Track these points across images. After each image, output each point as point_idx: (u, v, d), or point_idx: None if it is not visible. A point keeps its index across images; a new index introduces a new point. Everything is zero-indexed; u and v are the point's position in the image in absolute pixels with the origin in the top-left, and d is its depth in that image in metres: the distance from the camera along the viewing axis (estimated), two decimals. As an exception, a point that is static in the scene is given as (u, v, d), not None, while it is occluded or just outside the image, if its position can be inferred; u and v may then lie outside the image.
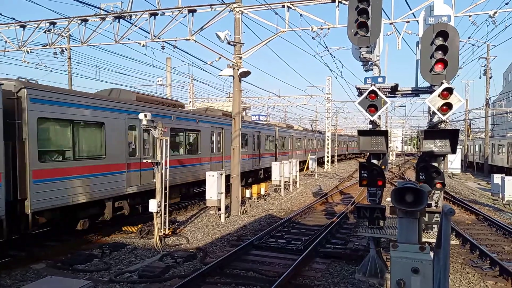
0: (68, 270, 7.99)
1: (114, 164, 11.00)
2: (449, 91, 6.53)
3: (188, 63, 38.65)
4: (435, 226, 6.61)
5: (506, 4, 12.03)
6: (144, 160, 11.61)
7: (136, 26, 13.90)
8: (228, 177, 14.51)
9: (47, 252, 9.14)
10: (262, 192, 17.64)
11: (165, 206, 10.45)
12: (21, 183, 8.31)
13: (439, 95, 6.61)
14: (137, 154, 11.94)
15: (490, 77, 34.13)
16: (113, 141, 10.98)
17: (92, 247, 9.60)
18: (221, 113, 19.28)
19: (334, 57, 40.60)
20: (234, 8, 13.42)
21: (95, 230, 11.00)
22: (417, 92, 8.16)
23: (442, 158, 7.10)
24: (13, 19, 14.82)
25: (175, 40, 14.07)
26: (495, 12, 11.75)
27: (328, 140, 38.11)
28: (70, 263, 8.27)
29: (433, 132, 7.02)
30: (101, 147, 10.65)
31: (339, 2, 12.42)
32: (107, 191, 10.65)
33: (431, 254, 3.66)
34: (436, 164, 6.84)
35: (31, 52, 15.79)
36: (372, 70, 7.88)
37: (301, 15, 13.15)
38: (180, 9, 13.49)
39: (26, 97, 8.47)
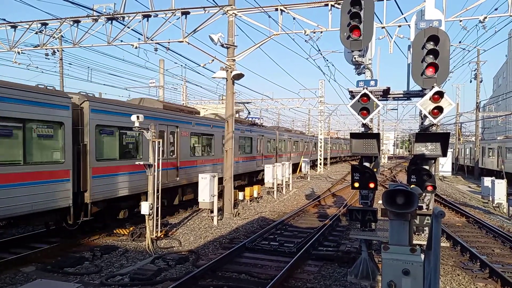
0: (59, 273, 7.89)
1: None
2: (440, 94, 6.59)
3: (181, 65, 38.68)
4: (426, 228, 6.66)
5: (496, 9, 12.21)
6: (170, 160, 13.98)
7: (129, 27, 13.86)
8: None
9: (37, 255, 9.02)
10: (255, 195, 17.63)
11: (157, 208, 10.39)
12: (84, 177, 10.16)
13: (430, 99, 6.67)
14: (165, 155, 13.33)
15: (481, 81, 34.56)
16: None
17: (83, 250, 9.51)
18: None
19: (327, 60, 40.68)
20: (227, 10, 13.44)
21: (86, 233, 10.90)
22: (408, 95, 8.22)
23: (433, 161, 7.17)
24: (4, 19, 14.69)
25: (168, 42, 14.06)
26: (485, 17, 11.92)
27: (321, 142, 38.23)
28: (61, 266, 8.18)
29: (424, 135, 7.07)
30: (137, 149, 12.49)
31: (332, 6, 12.52)
32: (143, 186, 11.28)
33: (422, 256, 3.69)
34: (427, 167, 6.89)
35: (22, 53, 15.67)
36: (364, 73, 7.93)
37: (294, 19, 13.22)
38: (174, 11, 13.49)
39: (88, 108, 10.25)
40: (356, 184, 6.75)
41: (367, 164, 7.33)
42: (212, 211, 12.94)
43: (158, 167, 10.57)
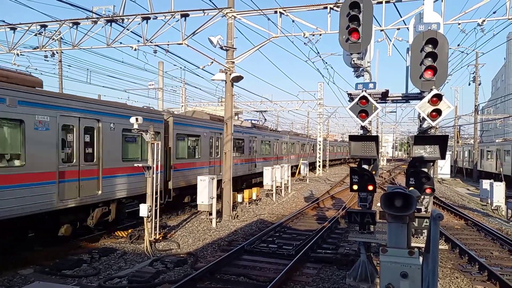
0: (56, 276, 7.87)
1: (203, 161, 16.71)
2: (438, 97, 6.60)
3: (180, 67, 38.45)
4: (425, 231, 6.66)
5: (494, 13, 12.25)
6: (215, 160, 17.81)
7: (128, 29, 13.87)
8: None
9: (35, 257, 8.99)
10: (254, 197, 17.61)
11: (155, 210, 10.37)
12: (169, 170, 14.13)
13: (428, 101, 6.68)
14: (213, 155, 17.64)
15: (479, 84, 34.62)
16: (204, 147, 16.81)
17: (81, 252, 9.47)
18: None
19: (326, 62, 40.78)
20: (226, 13, 13.46)
21: (84, 235, 10.88)
22: (407, 98, 8.25)
23: (431, 163, 7.17)
24: (3, 21, 14.69)
25: (168, 44, 14.07)
26: (484, 21, 11.96)
27: (319, 145, 38.25)
28: (59, 268, 8.15)
29: (423, 137, 7.08)
30: (195, 152, 16.28)
31: (331, 8, 12.56)
32: (195, 179, 14.59)
33: (420, 258, 3.69)
34: (426, 170, 6.90)
35: (21, 54, 15.66)
36: (363, 76, 7.94)
37: (293, 21, 13.25)
38: (173, 13, 13.50)
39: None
40: (355, 187, 6.75)
41: (366, 166, 7.35)
42: (211, 214, 12.92)
43: (157, 169, 10.58)
